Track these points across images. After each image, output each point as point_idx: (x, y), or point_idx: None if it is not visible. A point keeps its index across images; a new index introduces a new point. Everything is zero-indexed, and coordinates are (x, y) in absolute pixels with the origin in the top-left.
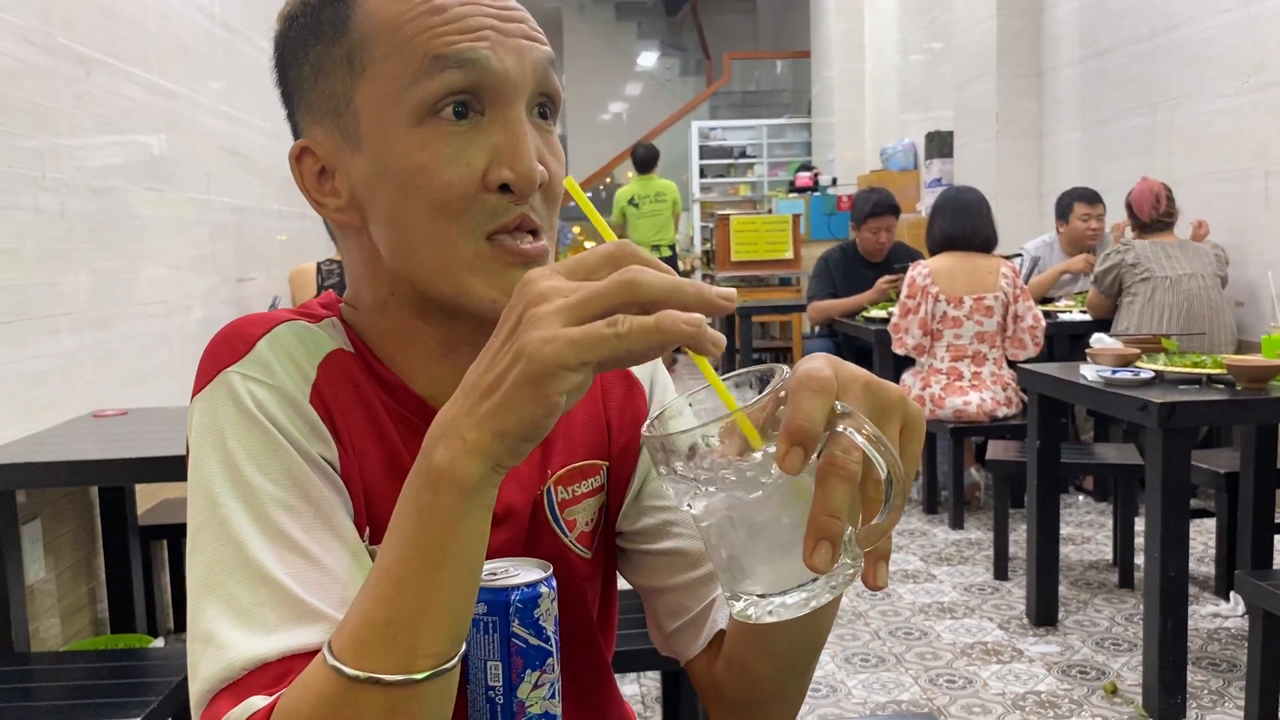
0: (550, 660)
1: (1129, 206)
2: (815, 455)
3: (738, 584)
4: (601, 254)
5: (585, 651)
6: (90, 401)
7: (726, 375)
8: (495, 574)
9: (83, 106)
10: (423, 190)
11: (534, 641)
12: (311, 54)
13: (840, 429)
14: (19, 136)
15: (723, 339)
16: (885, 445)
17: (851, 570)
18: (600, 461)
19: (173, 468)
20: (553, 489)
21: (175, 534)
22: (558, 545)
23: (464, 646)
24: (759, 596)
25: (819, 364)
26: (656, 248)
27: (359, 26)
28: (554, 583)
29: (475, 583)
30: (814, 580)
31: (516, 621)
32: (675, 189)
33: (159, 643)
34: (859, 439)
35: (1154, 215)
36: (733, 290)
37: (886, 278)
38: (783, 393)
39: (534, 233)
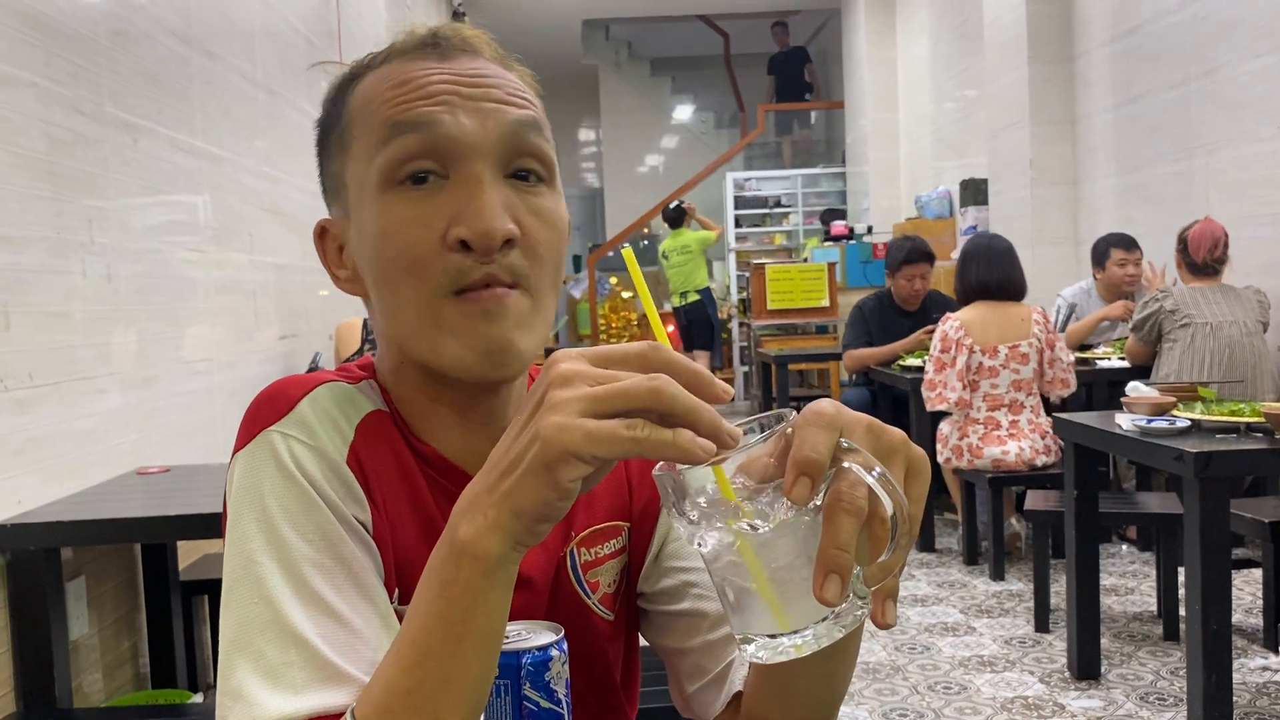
0: None
1: (1184, 244)
2: (821, 493)
3: (748, 625)
4: (632, 351)
5: (609, 712)
6: (135, 458)
7: (741, 421)
8: (507, 637)
9: (129, 172)
10: (386, 255)
11: (545, 704)
12: (328, 139)
13: (846, 465)
14: (68, 202)
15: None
16: (891, 482)
17: (860, 610)
18: (622, 523)
19: (215, 525)
20: (575, 551)
21: (216, 589)
22: (581, 607)
23: (482, 716)
24: (769, 637)
25: (823, 403)
26: (685, 294)
27: (349, 111)
28: (565, 645)
29: (496, 655)
30: (823, 619)
31: (528, 684)
32: (703, 237)
33: (199, 698)
34: (865, 475)
35: (1208, 259)
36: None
37: (927, 328)
38: (789, 430)
39: (511, 287)
